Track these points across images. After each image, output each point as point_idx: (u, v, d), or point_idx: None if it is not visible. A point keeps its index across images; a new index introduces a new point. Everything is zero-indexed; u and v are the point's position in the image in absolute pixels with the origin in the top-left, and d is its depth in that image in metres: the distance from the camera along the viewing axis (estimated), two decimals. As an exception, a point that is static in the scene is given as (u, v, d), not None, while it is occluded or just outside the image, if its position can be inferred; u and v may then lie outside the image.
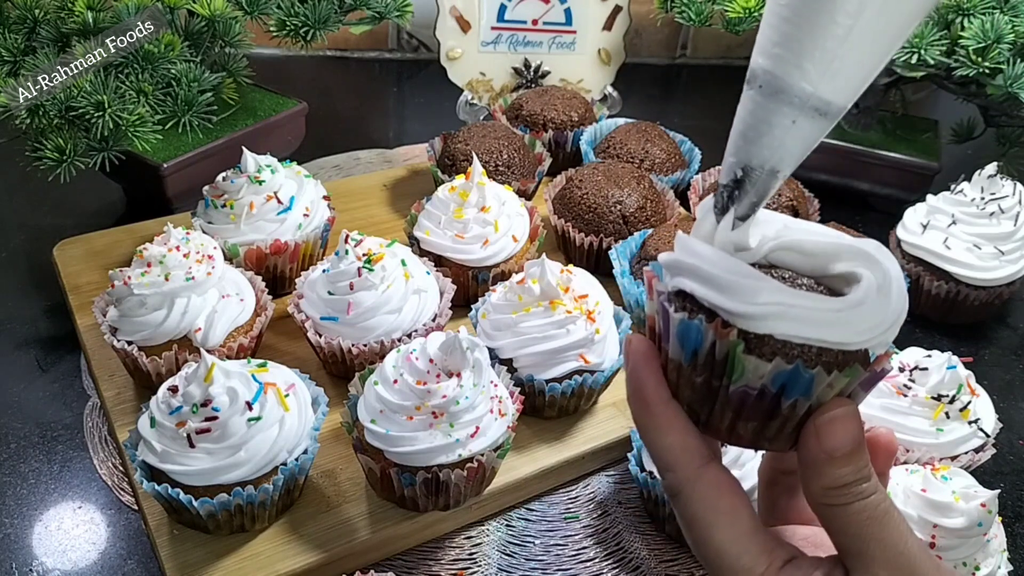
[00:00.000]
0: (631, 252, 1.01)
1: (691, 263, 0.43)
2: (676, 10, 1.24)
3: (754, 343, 0.41)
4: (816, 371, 0.40)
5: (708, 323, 0.41)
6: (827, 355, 0.41)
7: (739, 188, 0.41)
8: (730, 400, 0.43)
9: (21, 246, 1.12)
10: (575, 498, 0.84)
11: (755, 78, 0.39)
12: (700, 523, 0.44)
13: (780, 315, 0.40)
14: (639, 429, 0.46)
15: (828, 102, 0.38)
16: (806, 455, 0.42)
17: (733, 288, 0.41)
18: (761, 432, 0.43)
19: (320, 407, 0.75)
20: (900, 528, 0.41)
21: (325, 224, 1.00)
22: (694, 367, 0.43)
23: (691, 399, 0.45)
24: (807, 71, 0.37)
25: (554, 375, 0.81)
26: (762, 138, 0.39)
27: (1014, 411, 0.97)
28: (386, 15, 1.12)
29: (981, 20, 1.04)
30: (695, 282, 0.42)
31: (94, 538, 0.76)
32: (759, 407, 0.42)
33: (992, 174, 1.04)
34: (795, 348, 0.40)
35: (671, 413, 0.45)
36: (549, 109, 1.24)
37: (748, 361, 0.41)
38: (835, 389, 0.42)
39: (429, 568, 0.76)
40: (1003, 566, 0.72)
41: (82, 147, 0.88)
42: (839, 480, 0.41)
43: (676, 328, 0.43)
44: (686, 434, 0.44)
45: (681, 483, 0.44)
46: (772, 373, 0.41)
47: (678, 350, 0.44)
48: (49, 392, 0.90)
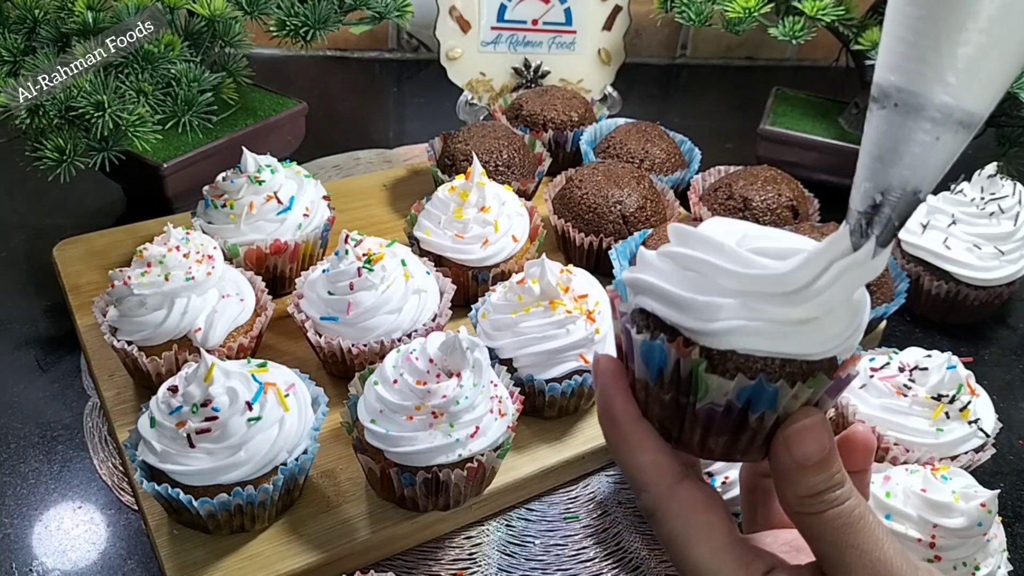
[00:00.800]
0: (631, 252, 1.01)
1: (651, 281, 0.43)
2: (676, 10, 1.24)
3: (717, 359, 0.41)
4: (780, 384, 0.40)
5: (670, 343, 0.42)
6: (791, 366, 0.41)
7: (878, 213, 0.39)
8: (698, 417, 0.43)
9: (21, 246, 1.12)
10: (575, 498, 0.84)
11: (887, 96, 0.37)
12: (677, 540, 0.44)
13: (740, 330, 0.40)
14: (611, 449, 0.46)
15: (971, 113, 0.36)
16: (778, 465, 0.43)
17: (692, 306, 0.41)
18: (732, 445, 0.44)
19: (320, 407, 0.75)
20: (876, 533, 0.41)
21: (325, 224, 1.00)
22: (661, 385, 0.43)
23: (661, 416, 0.45)
24: (948, 83, 0.35)
25: (554, 375, 0.81)
26: (902, 159, 0.37)
27: (1014, 411, 0.97)
28: (386, 15, 1.12)
29: (981, 20, 1.04)
30: (656, 301, 0.43)
31: (94, 538, 0.76)
32: (727, 422, 0.43)
33: (992, 174, 1.04)
34: (758, 362, 0.41)
35: (641, 433, 0.45)
36: (549, 109, 1.24)
37: (711, 380, 0.41)
38: (800, 399, 0.42)
39: (429, 568, 0.76)
40: (1003, 566, 0.72)
41: (82, 147, 0.88)
42: (812, 489, 0.41)
43: (640, 348, 0.43)
44: (658, 452, 0.45)
45: (656, 502, 0.44)
46: (736, 389, 0.41)
47: (644, 369, 0.44)
48: (49, 392, 0.90)
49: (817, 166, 1.27)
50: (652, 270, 0.43)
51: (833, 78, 1.40)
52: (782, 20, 1.17)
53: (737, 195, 1.07)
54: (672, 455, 0.45)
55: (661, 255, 0.44)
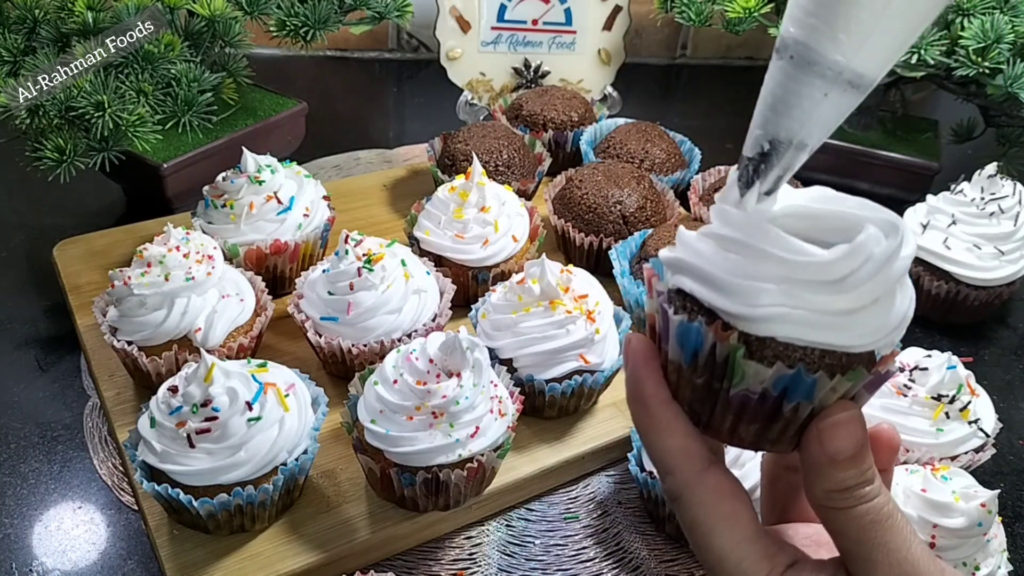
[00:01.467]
0: (631, 252, 1.01)
1: (691, 262, 0.42)
2: (676, 10, 1.24)
3: (755, 345, 0.40)
4: (818, 375, 0.39)
5: (708, 325, 0.41)
6: (831, 357, 0.40)
7: (765, 161, 0.40)
8: (731, 403, 0.42)
9: (21, 246, 1.12)
10: (575, 498, 0.84)
11: (785, 48, 0.37)
12: (701, 528, 0.43)
13: (782, 318, 0.39)
14: (639, 431, 0.45)
15: (861, 75, 0.37)
16: (808, 458, 0.42)
17: (733, 289, 0.40)
18: (763, 434, 0.43)
19: (320, 407, 0.75)
20: (903, 532, 0.41)
21: (325, 224, 1.00)
22: (694, 369, 0.42)
23: (692, 400, 0.44)
24: (841, 42, 0.36)
25: (554, 375, 0.81)
26: (792, 110, 0.38)
27: (1014, 411, 0.97)
28: (386, 15, 1.12)
29: (981, 20, 1.04)
30: (695, 282, 0.42)
31: (94, 538, 0.76)
32: (760, 410, 0.42)
33: (992, 174, 1.04)
34: (798, 351, 0.40)
35: (671, 415, 0.44)
36: (549, 109, 1.24)
37: (748, 366, 0.40)
38: (838, 392, 0.41)
39: (429, 568, 0.76)
40: (1003, 566, 0.72)
41: (82, 147, 0.88)
42: (842, 483, 0.41)
43: (675, 330, 0.42)
44: (686, 437, 0.44)
45: (681, 487, 0.44)
46: (773, 378, 0.40)
47: (678, 351, 0.43)
48: (49, 392, 0.90)
49: (817, 166, 1.26)
50: (692, 251, 0.42)
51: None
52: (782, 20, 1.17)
53: (737, 195, 1.07)
54: (700, 440, 0.44)
55: (702, 235, 0.42)
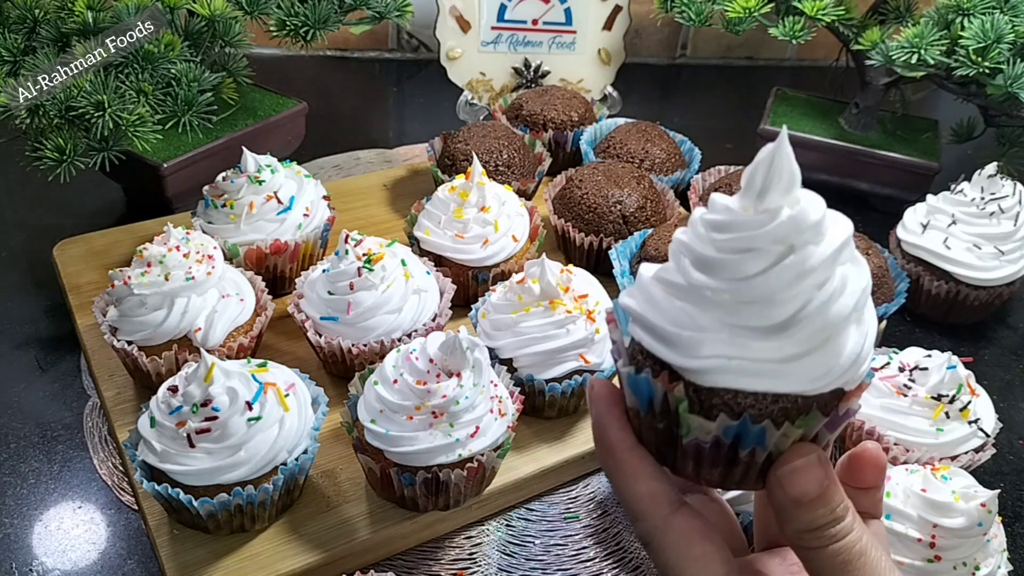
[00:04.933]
0: (631, 252, 1.01)
1: (640, 312, 0.42)
2: (676, 10, 1.24)
3: (704, 395, 0.40)
4: (764, 424, 0.39)
5: (655, 377, 0.41)
6: (784, 401, 0.40)
7: None
8: (687, 450, 0.42)
9: (21, 246, 1.12)
10: (575, 498, 0.84)
11: None
12: (673, 571, 0.43)
13: (724, 368, 0.39)
14: (607, 475, 0.46)
15: None
16: (774, 501, 0.42)
17: (676, 340, 0.40)
18: (727, 476, 0.43)
19: (320, 407, 0.75)
20: (877, 569, 0.41)
21: (325, 224, 1.00)
22: (652, 415, 0.43)
23: (656, 443, 0.44)
24: None
25: (554, 375, 0.81)
26: None
27: (1014, 411, 0.97)
28: (386, 15, 1.12)
29: (981, 20, 1.04)
30: (643, 331, 0.42)
31: (94, 538, 0.76)
32: (717, 456, 0.42)
33: (992, 174, 1.04)
34: (747, 398, 0.39)
35: (636, 460, 0.44)
36: (549, 109, 1.24)
37: (693, 420, 0.40)
38: (791, 438, 0.41)
39: (429, 568, 0.76)
40: (1003, 566, 0.72)
41: (82, 147, 0.88)
42: (810, 524, 0.41)
43: (626, 381, 0.43)
44: (653, 480, 0.44)
45: (651, 532, 0.44)
46: (720, 428, 0.40)
47: (634, 399, 0.43)
48: (49, 392, 0.90)
49: (817, 166, 1.27)
50: (643, 297, 0.43)
51: (833, 78, 1.40)
52: (782, 20, 1.17)
53: (737, 195, 1.07)
54: (668, 482, 0.44)
55: (656, 279, 0.43)
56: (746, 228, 0.39)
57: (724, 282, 0.39)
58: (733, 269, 0.39)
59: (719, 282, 0.40)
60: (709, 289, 0.40)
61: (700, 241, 0.41)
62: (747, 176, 0.40)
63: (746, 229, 0.39)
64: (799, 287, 0.39)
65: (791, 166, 0.39)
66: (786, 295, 0.39)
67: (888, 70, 1.21)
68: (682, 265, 0.42)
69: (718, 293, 0.40)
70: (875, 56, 1.11)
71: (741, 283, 0.39)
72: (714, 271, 0.40)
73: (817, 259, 0.39)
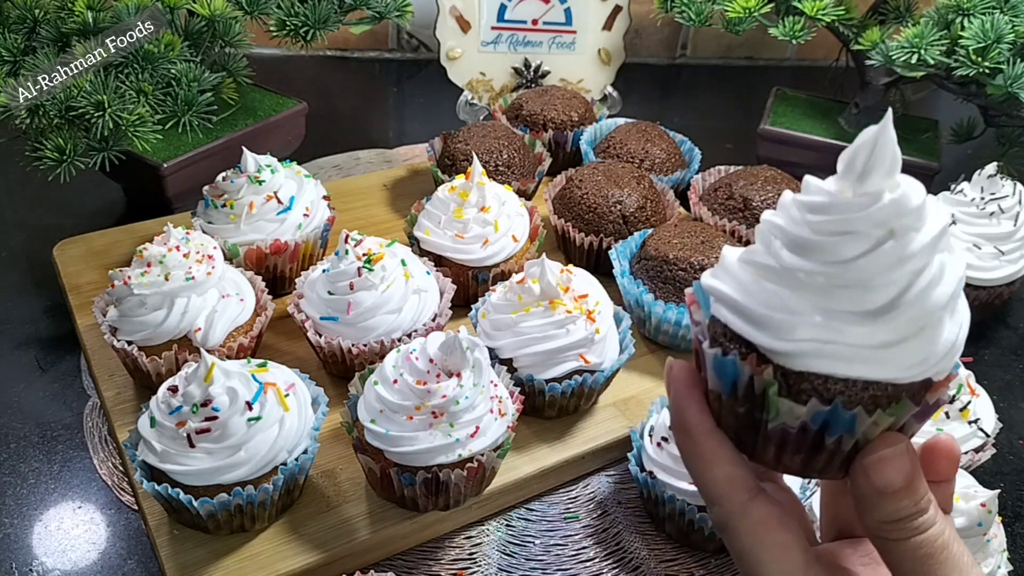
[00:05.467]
0: (631, 252, 1.01)
1: (727, 293, 0.41)
2: (676, 10, 1.24)
3: (792, 379, 0.39)
4: (856, 411, 0.38)
5: (743, 359, 0.40)
6: (874, 389, 0.39)
7: None
8: (771, 436, 0.41)
9: (21, 246, 1.12)
10: (575, 498, 0.84)
11: None
12: (749, 558, 0.43)
13: (818, 352, 0.38)
14: (684, 460, 0.45)
15: None
16: (857, 490, 0.41)
17: (767, 323, 0.39)
18: (809, 464, 0.42)
19: (320, 407, 0.75)
20: (960, 564, 0.40)
21: (325, 224, 1.00)
22: (735, 399, 0.42)
23: (736, 428, 0.43)
24: None
25: (554, 375, 0.81)
26: None
27: (1014, 411, 0.97)
28: (386, 15, 1.12)
29: (981, 20, 1.04)
30: (731, 313, 0.41)
31: (94, 538, 0.76)
32: (802, 443, 0.41)
33: (992, 174, 1.04)
34: (837, 384, 0.39)
35: (715, 444, 0.43)
36: (549, 109, 1.24)
37: (782, 403, 0.39)
38: (881, 426, 0.40)
39: (429, 568, 0.76)
40: (1003, 566, 0.72)
41: (82, 147, 0.88)
42: (893, 515, 0.40)
43: (711, 362, 0.42)
44: (732, 465, 0.43)
45: (728, 517, 0.43)
46: (809, 414, 0.39)
47: (717, 382, 0.43)
48: (49, 392, 0.90)
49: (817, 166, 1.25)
50: (730, 278, 0.42)
51: (833, 78, 1.40)
52: (782, 20, 1.17)
53: (737, 195, 1.07)
54: (747, 468, 0.43)
55: (743, 262, 0.42)
56: (845, 210, 0.38)
57: (819, 265, 0.39)
58: (830, 252, 0.38)
59: (814, 264, 0.39)
60: (803, 272, 0.39)
61: (794, 223, 0.40)
62: (847, 158, 0.39)
63: (845, 211, 0.38)
64: (898, 272, 0.38)
65: (894, 149, 0.38)
66: (884, 280, 0.38)
67: (888, 70, 1.21)
68: (773, 247, 0.41)
69: (812, 276, 0.39)
70: (875, 56, 1.11)
71: (838, 266, 0.38)
72: (809, 253, 0.39)
73: (918, 245, 0.38)
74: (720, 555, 0.78)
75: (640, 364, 0.94)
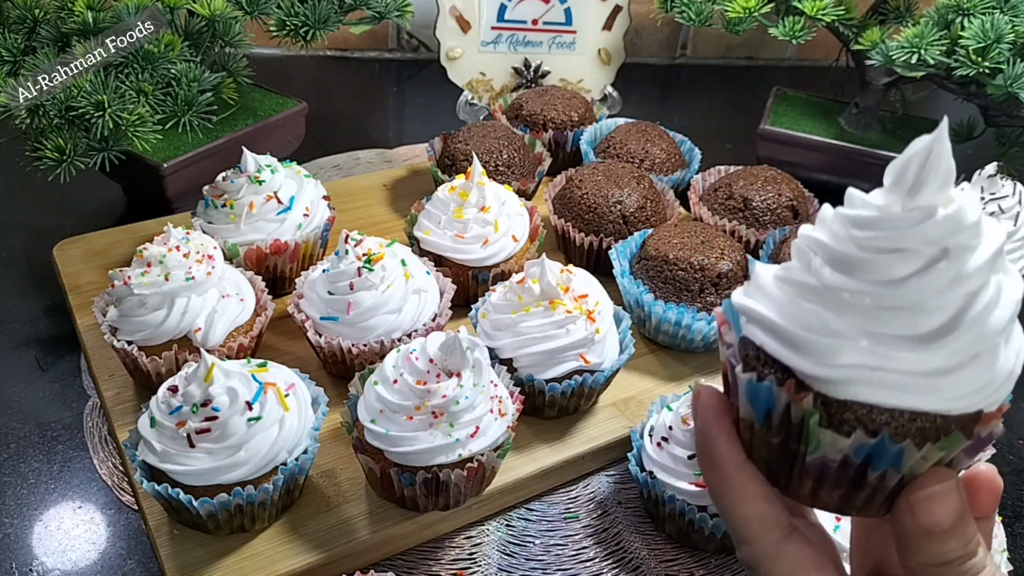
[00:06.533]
0: (631, 252, 1.01)
1: (763, 313, 0.38)
2: (676, 10, 1.24)
3: (834, 408, 0.36)
4: (905, 444, 0.35)
5: (780, 385, 0.37)
6: (923, 420, 0.36)
7: None
8: (809, 469, 0.38)
9: (21, 246, 1.12)
10: (575, 498, 0.84)
11: None
12: None
13: (864, 380, 0.35)
14: (711, 493, 0.42)
15: None
16: (901, 529, 0.38)
17: (808, 346, 0.36)
18: (848, 500, 0.39)
19: (320, 407, 0.75)
20: None
21: (325, 224, 1.00)
22: (768, 428, 0.39)
23: (768, 460, 0.40)
24: None
25: (554, 375, 0.81)
26: None
27: (1014, 411, 0.97)
28: (386, 15, 1.12)
29: (981, 20, 1.04)
30: (766, 335, 0.38)
31: (94, 538, 0.76)
32: (843, 477, 0.38)
33: (992, 174, 1.04)
34: (883, 414, 0.36)
35: (745, 478, 0.40)
36: (549, 109, 1.24)
37: (824, 435, 0.36)
38: (930, 461, 0.37)
39: (429, 568, 0.76)
40: (1003, 566, 0.72)
41: (82, 147, 0.88)
42: (941, 557, 0.37)
43: (745, 388, 0.39)
44: (765, 502, 0.40)
45: (760, 559, 0.40)
46: (853, 447, 0.36)
47: (749, 409, 0.39)
48: (49, 392, 0.90)
49: (817, 166, 1.27)
50: (765, 297, 0.39)
51: (833, 78, 1.40)
52: (782, 20, 1.17)
53: (737, 195, 1.07)
54: (780, 505, 0.40)
55: (780, 280, 0.39)
56: (895, 226, 0.35)
57: (865, 284, 0.36)
58: (877, 270, 0.36)
59: (860, 284, 0.36)
60: (847, 291, 0.36)
61: (837, 239, 0.37)
62: (897, 169, 0.36)
63: (895, 227, 0.35)
64: (952, 294, 0.35)
65: (949, 161, 0.36)
66: (937, 302, 0.35)
67: (888, 70, 1.21)
68: (813, 265, 0.38)
69: (858, 296, 0.36)
70: (875, 56, 1.11)
71: (886, 286, 0.35)
72: (854, 272, 0.36)
73: (973, 265, 0.35)
74: (720, 555, 0.78)
75: (640, 364, 0.94)
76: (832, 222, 0.38)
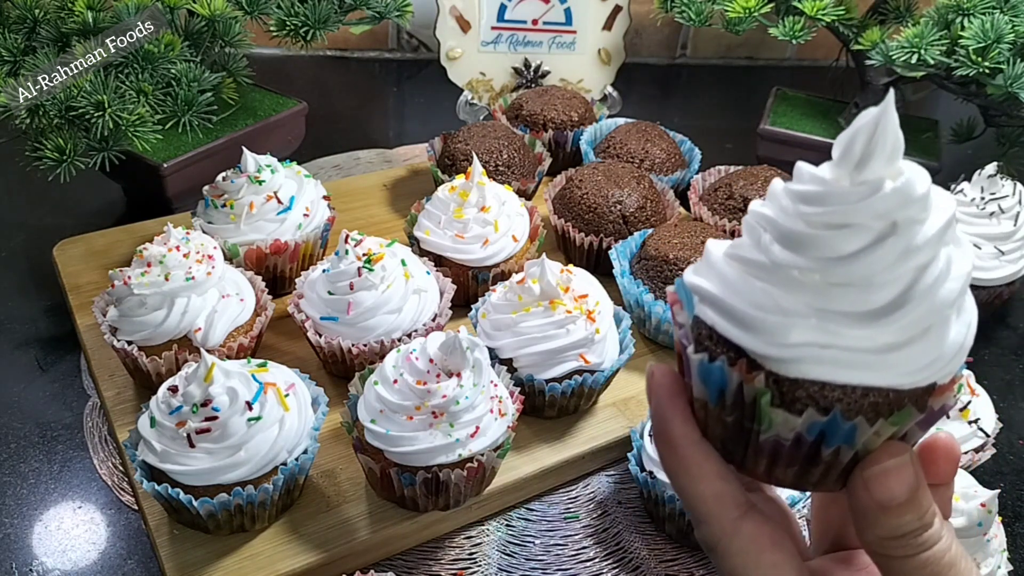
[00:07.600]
0: (631, 252, 1.01)
1: (713, 293, 0.38)
2: (676, 10, 1.24)
3: (787, 387, 0.36)
4: (857, 421, 0.35)
5: (732, 365, 0.37)
6: (875, 395, 0.36)
7: None
8: (762, 448, 0.38)
9: (21, 246, 1.12)
10: (575, 498, 0.84)
11: None
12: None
13: (815, 357, 0.35)
14: (667, 474, 0.42)
15: None
16: (856, 504, 0.38)
17: (758, 325, 0.36)
18: (803, 477, 0.39)
19: (320, 407, 0.75)
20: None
21: (325, 224, 1.00)
22: (722, 407, 0.39)
23: (723, 438, 0.40)
24: None
25: (554, 375, 0.81)
26: None
27: (1014, 411, 0.97)
28: (386, 15, 1.12)
29: (981, 20, 1.04)
30: (717, 314, 0.38)
31: (94, 538, 0.76)
32: (796, 454, 0.38)
33: (992, 174, 1.04)
34: (835, 391, 0.35)
35: (701, 457, 0.40)
36: (549, 109, 1.24)
37: (776, 414, 0.36)
38: (883, 436, 0.37)
39: (429, 568, 0.76)
40: (1003, 566, 0.72)
41: (82, 147, 0.88)
42: (896, 530, 0.37)
43: (697, 368, 0.39)
44: (720, 480, 0.40)
45: (717, 537, 0.40)
46: (805, 424, 0.36)
47: (702, 390, 0.39)
48: (49, 392, 0.90)
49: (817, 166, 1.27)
50: (715, 275, 0.38)
51: (833, 78, 1.40)
52: (782, 20, 1.17)
53: (737, 195, 1.07)
54: (736, 483, 0.40)
55: (729, 257, 0.38)
56: (842, 201, 0.35)
57: (814, 261, 0.35)
58: (826, 247, 0.35)
59: (808, 261, 0.35)
60: (796, 268, 0.36)
61: (785, 215, 0.37)
62: (844, 143, 0.36)
63: (842, 202, 0.35)
64: (901, 269, 0.35)
65: (896, 133, 0.35)
66: (886, 277, 0.35)
67: (888, 70, 1.21)
68: (763, 241, 0.37)
69: (807, 273, 0.35)
70: (875, 56, 1.11)
71: (835, 262, 0.35)
72: (803, 248, 0.36)
73: (923, 238, 0.35)
74: (720, 555, 0.78)
75: (640, 364, 0.94)
76: (781, 197, 0.37)
